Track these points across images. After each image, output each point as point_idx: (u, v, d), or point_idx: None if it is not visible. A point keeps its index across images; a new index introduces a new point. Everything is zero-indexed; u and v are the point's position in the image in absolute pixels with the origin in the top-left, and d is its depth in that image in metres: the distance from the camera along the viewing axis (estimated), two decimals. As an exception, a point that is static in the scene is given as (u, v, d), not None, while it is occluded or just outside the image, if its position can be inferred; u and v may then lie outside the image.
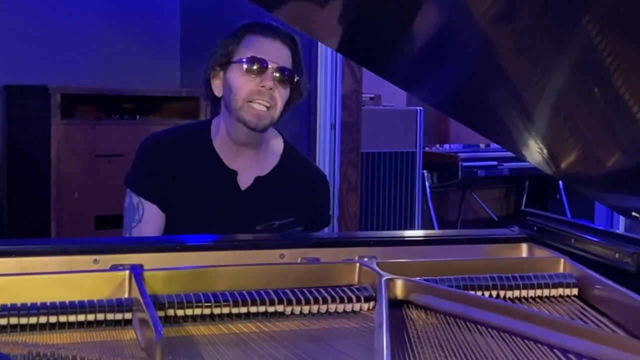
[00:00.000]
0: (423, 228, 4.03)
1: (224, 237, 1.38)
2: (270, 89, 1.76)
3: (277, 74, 1.77)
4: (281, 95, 1.79)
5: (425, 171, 4.11)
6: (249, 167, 1.85)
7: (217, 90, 1.83)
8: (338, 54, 3.14)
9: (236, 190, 1.83)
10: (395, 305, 1.12)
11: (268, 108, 1.77)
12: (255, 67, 1.77)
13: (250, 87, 1.76)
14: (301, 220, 1.86)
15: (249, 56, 1.77)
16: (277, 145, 1.90)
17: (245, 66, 1.77)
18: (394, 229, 3.78)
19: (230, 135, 1.82)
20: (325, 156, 3.22)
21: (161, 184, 1.80)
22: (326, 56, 3.16)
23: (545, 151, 1.24)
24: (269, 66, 1.77)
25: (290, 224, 1.84)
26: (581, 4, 0.86)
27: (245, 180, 1.84)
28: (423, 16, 1.05)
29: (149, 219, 1.80)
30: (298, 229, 1.85)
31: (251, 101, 1.76)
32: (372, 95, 4.00)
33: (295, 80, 1.81)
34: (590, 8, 0.86)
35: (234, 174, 1.83)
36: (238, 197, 1.82)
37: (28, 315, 1.00)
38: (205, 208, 1.81)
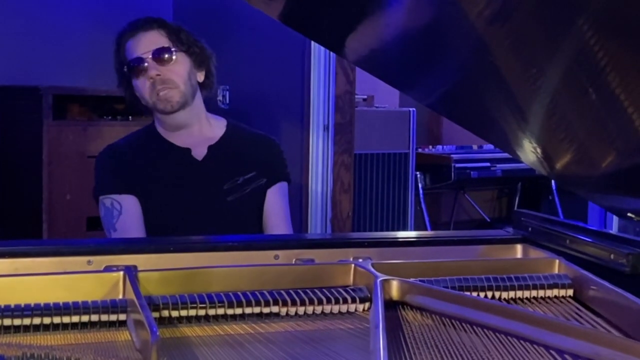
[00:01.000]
0: (416, 229, 4.03)
1: (218, 238, 1.37)
2: (158, 74, 1.87)
3: (155, 59, 1.88)
4: (174, 72, 1.90)
5: (418, 172, 4.11)
6: (199, 141, 1.97)
7: (141, 100, 1.95)
8: (331, 55, 3.14)
9: (194, 163, 1.95)
10: (391, 306, 1.11)
11: (172, 88, 1.88)
12: (136, 68, 1.90)
13: (146, 85, 1.89)
14: (262, 173, 1.98)
15: (127, 62, 1.91)
16: (219, 120, 2.04)
17: (131, 73, 1.91)
18: (387, 230, 3.78)
19: (167, 127, 1.96)
20: (318, 157, 3.21)
21: (127, 179, 1.90)
22: (319, 57, 3.16)
23: (539, 151, 1.24)
24: (145, 58, 1.89)
25: (253, 177, 1.97)
26: (576, 5, 0.86)
27: (199, 152, 1.96)
28: (418, 15, 1.05)
29: (128, 209, 1.87)
30: (262, 181, 1.97)
31: (156, 94, 1.88)
32: (365, 97, 4.01)
33: (174, 50, 1.90)
34: (585, 9, 0.86)
35: (187, 150, 1.96)
36: (198, 167, 1.95)
37: (22, 316, 0.99)
38: (173, 188, 1.92)
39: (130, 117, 3.54)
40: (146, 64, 1.89)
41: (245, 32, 3.49)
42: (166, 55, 1.90)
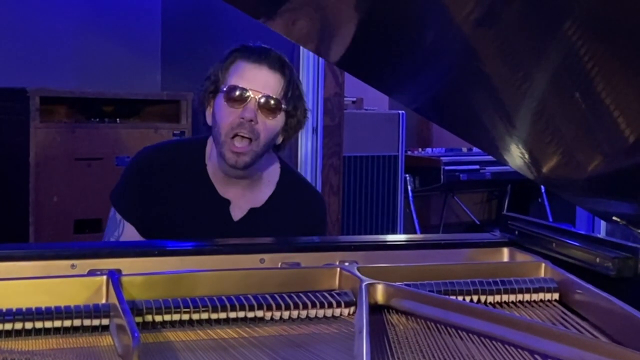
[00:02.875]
0: (405, 232, 4.03)
1: (203, 241, 1.36)
2: (251, 120, 1.64)
3: (260, 104, 1.65)
4: (266, 126, 1.66)
5: (407, 175, 4.11)
6: (243, 197, 1.74)
7: (208, 119, 1.73)
8: (320, 58, 3.14)
9: (228, 221, 1.73)
10: (376, 310, 1.11)
11: (250, 142, 1.65)
12: (236, 97, 1.65)
13: (232, 119, 1.65)
14: None
15: (229, 85, 1.67)
16: (273, 172, 1.79)
17: (227, 96, 1.66)
18: (376, 233, 3.78)
19: (220, 167, 1.72)
20: (307, 160, 3.21)
21: (146, 206, 1.71)
22: (308, 59, 3.15)
23: (526, 155, 1.24)
24: (251, 95, 1.65)
25: None
26: (562, 10, 0.87)
27: (238, 211, 1.74)
28: (404, 20, 1.04)
29: (128, 238, 1.71)
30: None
31: (234, 137, 1.65)
32: (354, 99, 4.00)
33: (283, 107, 1.68)
34: (571, 13, 0.86)
35: (226, 203, 1.73)
36: (230, 228, 1.72)
37: (3, 321, 0.98)
38: (194, 236, 1.66)
39: (118, 119, 3.53)
40: (248, 102, 1.64)
41: (234, 35, 3.48)
42: (272, 108, 1.66)
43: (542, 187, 4.52)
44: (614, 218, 1.26)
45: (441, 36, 1.04)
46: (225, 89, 1.67)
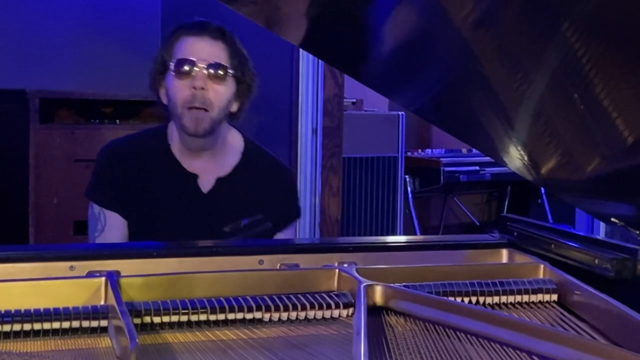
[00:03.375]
0: (405, 233, 4.03)
1: (202, 243, 1.36)
2: (202, 88, 1.72)
3: (208, 72, 1.73)
4: (218, 93, 1.74)
5: (407, 176, 4.11)
6: (209, 168, 1.81)
7: (164, 99, 1.81)
8: (319, 59, 3.14)
9: (198, 194, 1.80)
10: (375, 311, 1.11)
11: (207, 110, 1.73)
12: (184, 70, 1.73)
13: (184, 91, 1.73)
14: (270, 216, 1.83)
15: (176, 60, 1.74)
16: (236, 143, 1.87)
17: (175, 71, 1.74)
18: (376, 234, 3.78)
19: (182, 141, 1.80)
20: (307, 161, 3.21)
21: (122, 192, 1.78)
22: (308, 61, 3.16)
23: (525, 157, 1.24)
24: (198, 65, 1.73)
25: (258, 221, 1.81)
26: (560, 11, 0.87)
27: (206, 183, 1.81)
28: (402, 22, 1.05)
29: (111, 227, 1.78)
30: (268, 225, 1.82)
31: (190, 108, 1.72)
32: (354, 100, 4.01)
33: (231, 73, 1.76)
34: (569, 14, 0.86)
35: (194, 177, 1.80)
36: (201, 200, 1.79)
37: (1, 323, 0.98)
38: (168, 214, 1.78)
39: (117, 120, 3.53)
40: (196, 72, 1.72)
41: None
42: (220, 74, 1.74)
43: (542, 188, 4.52)
44: (613, 219, 1.26)
45: (439, 38, 1.05)
46: (172, 64, 1.74)
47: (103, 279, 1.08)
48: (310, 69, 3.17)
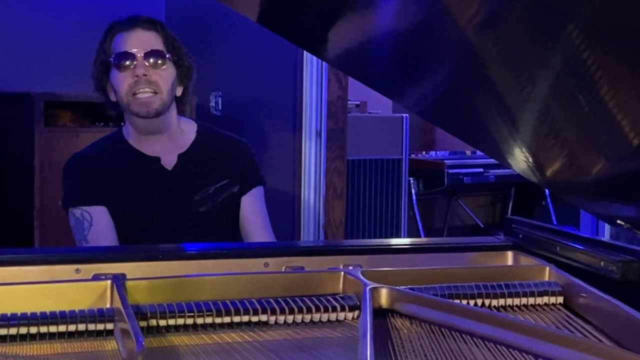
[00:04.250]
0: (409, 235, 4.03)
1: (207, 246, 1.37)
2: (145, 74, 1.83)
3: (147, 60, 1.85)
4: (161, 77, 1.86)
5: (411, 178, 4.11)
6: (169, 149, 1.93)
7: (112, 96, 1.91)
8: (324, 62, 3.14)
9: (164, 173, 1.91)
10: (380, 314, 1.11)
11: (154, 93, 1.84)
12: (123, 63, 1.85)
13: (128, 81, 1.84)
14: (235, 180, 1.94)
15: (115, 54, 1.86)
16: (189, 124, 1.99)
17: (116, 65, 1.86)
18: (380, 236, 3.77)
19: (137, 130, 1.91)
20: (311, 163, 3.21)
21: (96, 189, 1.87)
22: (311, 63, 3.16)
23: (530, 159, 1.23)
24: (136, 55, 1.85)
25: (225, 186, 1.93)
26: (565, 13, 0.86)
27: (169, 161, 1.92)
28: (407, 24, 1.05)
29: (99, 220, 1.84)
30: (234, 189, 1.93)
31: (135, 94, 1.84)
32: (358, 102, 4.01)
33: (168, 57, 1.88)
34: (574, 16, 0.86)
35: (156, 159, 1.92)
36: (168, 177, 1.91)
37: (8, 326, 0.98)
38: (143, 199, 1.88)
39: (122, 123, 3.53)
40: (135, 62, 1.85)
41: (238, 38, 3.48)
42: (159, 59, 1.87)
43: (546, 190, 4.51)
44: (619, 221, 1.25)
45: (444, 40, 1.04)
46: (112, 60, 1.87)
47: (109, 281, 1.08)
48: (314, 71, 3.17)
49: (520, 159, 1.25)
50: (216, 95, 3.57)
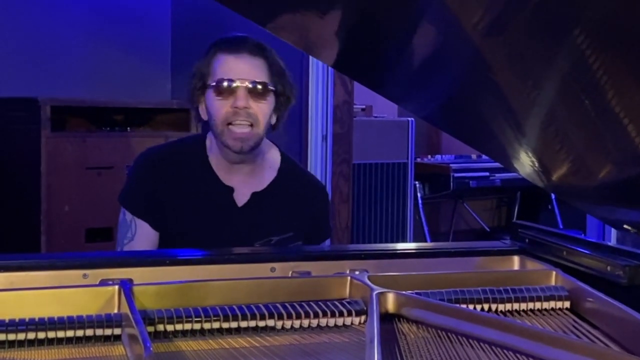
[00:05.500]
0: (415, 239, 4.03)
1: (214, 251, 1.37)
2: (245, 107, 1.71)
3: (249, 91, 1.72)
4: (261, 109, 1.73)
5: (417, 182, 4.11)
6: (246, 183, 1.80)
7: (203, 115, 1.80)
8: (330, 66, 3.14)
9: (233, 207, 1.79)
10: (387, 319, 1.11)
11: (251, 126, 1.72)
12: (224, 89, 1.72)
13: (225, 110, 1.72)
14: (300, 234, 1.81)
15: (216, 79, 1.73)
16: (273, 158, 1.86)
17: (215, 89, 1.73)
18: (386, 240, 3.77)
19: (222, 155, 1.79)
20: (317, 168, 3.21)
21: (155, 202, 1.77)
22: (317, 67, 3.16)
23: (536, 163, 1.24)
24: (239, 84, 1.71)
25: (289, 239, 1.80)
26: (572, 18, 0.87)
27: (241, 197, 1.80)
28: (413, 30, 1.05)
29: (141, 237, 1.77)
30: (297, 243, 1.80)
31: (230, 124, 1.72)
32: (364, 107, 4.01)
33: (272, 89, 1.75)
34: (580, 21, 0.86)
35: (230, 190, 1.79)
36: (235, 213, 1.79)
37: (16, 331, 0.99)
38: (201, 226, 1.76)
39: (128, 128, 3.55)
40: (238, 91, 1.71)
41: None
42: (262, 91, 1.73)
43: (552, 194, 4.50)
44: (625, 226, 1.25)
45: (450, 45, 1.05)
46: (213, 84, 1.73)
47: (116, 287, 1.09)
48: (320, 75, 3.17)
49: (526, 163, 1.26)
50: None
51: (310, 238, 1.83)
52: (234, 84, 1.71)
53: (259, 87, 1.72)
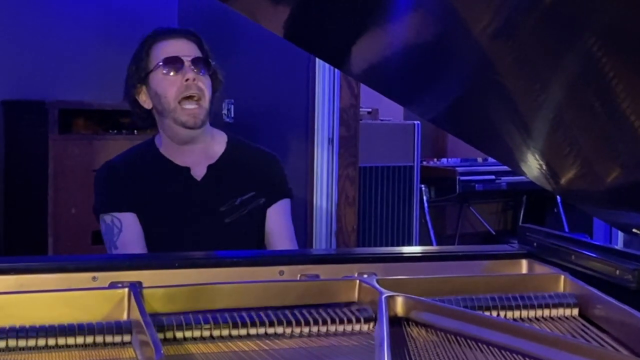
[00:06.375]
0: (421, 242, 4.02)
1: (223, 254, 1.37)
2: (194, 79, 1.87)
3: (195, 67, 1.88)
4: (205, 84, 1.90)
5: (422, 185, 4.11)
6: (199, 159, 1.96)
7: (146, 104, 1.95)
8: (336, 68, 3.15)
9: (193, 183, 1.94)
10: (396, 322, 1.11)
11: (198, 101, 1.88)
12: (172, 67, 1.89)
13: (176, 85, 1.87)
14: (261, 193, 1.96)
15: (162, 59, 1.89)
16: (220, 136, 2.02)
17: (163, 69, 1.89)
18: (392, 243, 3.77)
19: (173, 139, 1.94)
20: (323, 171, 3.21)
21: (126, 196, 1.89)
22: (324, 71, 3.16)
23: (544, 167, 1.23)
24: (185, 60, 1.88)
25: (251, 198, 1.94)
26: (581, 21, 0.87)
27: (199, 172, 1.95)
28: (421, 32, 1.05)
29: (128, 226, 1.87)
30: (260, 201, 1.95)
31: (181, 100, 1.87)
32: (370, 110, 4.01)
33: (212, 66, 1.92)
34: (589, 24, 0.86)
35: (186, 170, 1.95)
36: (196, 187, 1.94)
37: (27, 337, 0.99)
38: (171, 207, 1.91)
39: (135, 131, 3.55)
40: (184, 64, 1.88)
41: (250, 46, 3.50)
42: (205, 67, 1.91)
43: (558, 197, 4.50)
44: (635, 230, 1.25)
45: (457, 47, 1.05)
46: (160, 63, 1.89)
47: (126, 290, 1.09)
48: (327, 79, 3.18)
49: (534, 167, 1.25)
50: (228, 102, 3.59)
51: (270, 195, 1.97)
52: (180, 61, 1.88)
53: (202, 63, 1.91)
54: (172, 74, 1.88)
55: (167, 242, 1.87)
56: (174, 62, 1.89)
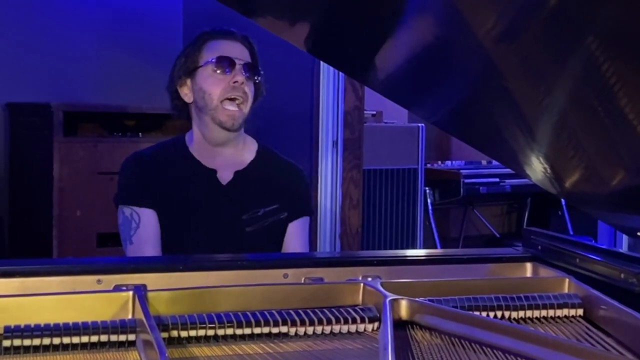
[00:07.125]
0: (425, 245, 4.02)
1: (227, 257, 1.37)
2: (242, 83, 1.88)
3: (245, 70, 1.90)
4: (250, 90, 1.91)
5: (427, 188, 4.11)
6: (227, 164, 1.95)
7: (187, 97, 1.94)
8: (340, 72, 3.15)
9: (218, 186, 1.92)
10: (400, 325, 1.11)
11: (239, 105, 1.88)
12: (225, 65, 1.89)
13: (223, 85, 1.88)
14: (284, 206, 1.94)
15: (216, 57, 1.89)
16: (251, 142, 2.01)
17: (214, 66, 1.89)
18: (396, 245, 3.77)
19: (206, 138, 1.93)
20: (327, 173, 3.22)
21: (150, 191, 1.88)
22: (328, 73, 3.17)
23: (549, 170, 1.23)
24: (237, 62, 1.89)
25: (274, 210, 1.93)
26: (584, 24, 0.87)
27: (225, 176, 1.93)
28: (425, 35, 1.05)
29: (146, 223, 1.86)
30: (282, 215, 1.94)
31: (224, 101, 1.87)
32: (374, 112, 4.01)
33: (260, 75, 1.94)
34: (593, 27, 0.86)
35: (213, 172, 1.93)
36: (221, 192, 1.92)
37: (32, 337, 1.00)
38: (193, 209, 1.89)
39: (140, 133, 3.56)
40: (236, 67, 1.89)
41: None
42: (252, 73, 1.92)
43: (562, 200, 4.49)
44: (639, 233, 1.25)
45: (462, 50, 1.05)
46: (213, 60, 1.89)
47: (130, 293, 1.09)
48: (331, 81, 3.18)
49: (538, 170, 1.25)
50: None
51: (292, 211, 1.96)
52: (232, 62, 1.89)
53: (253, 69, 1.92)
54: (221, 72, 1.89)
55: (183, 243, 1.86)
56: (226, 62, 1.89)
